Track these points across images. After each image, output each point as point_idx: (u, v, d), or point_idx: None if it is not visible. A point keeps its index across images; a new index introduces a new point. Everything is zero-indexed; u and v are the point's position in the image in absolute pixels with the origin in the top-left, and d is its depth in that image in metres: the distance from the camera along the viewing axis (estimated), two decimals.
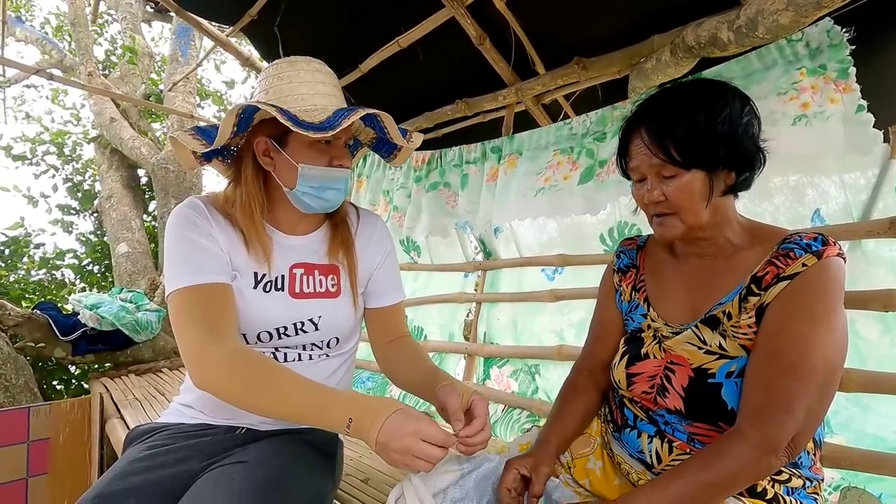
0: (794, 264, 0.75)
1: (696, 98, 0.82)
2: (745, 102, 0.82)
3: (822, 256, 0.74)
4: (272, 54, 2.63)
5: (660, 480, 0.76)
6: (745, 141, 0.80)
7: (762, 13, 1.10)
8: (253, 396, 0.84)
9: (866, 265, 1.21)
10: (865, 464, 1.10)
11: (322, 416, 0.81)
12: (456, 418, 0.85)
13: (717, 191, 0.82)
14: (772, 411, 0.72)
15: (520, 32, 1.94)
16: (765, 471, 0.73)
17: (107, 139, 4.49)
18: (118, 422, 1.88)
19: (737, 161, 0.81)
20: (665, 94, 0.86)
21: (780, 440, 0.71)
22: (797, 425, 0.71)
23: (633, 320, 0.99)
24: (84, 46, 4.43)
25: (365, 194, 2.76)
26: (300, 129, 0.87)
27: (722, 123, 0.78)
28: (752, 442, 0.72)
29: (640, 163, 0.85)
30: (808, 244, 0.76)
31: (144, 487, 0.88)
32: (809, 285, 0.74)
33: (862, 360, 1.18)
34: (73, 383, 3.31)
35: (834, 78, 1.20)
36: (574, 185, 1.74)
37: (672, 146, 0.79)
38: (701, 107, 0.80)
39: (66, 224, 5.07)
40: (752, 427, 0.73)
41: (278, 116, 0.87)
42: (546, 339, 2.00)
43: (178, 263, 0.94)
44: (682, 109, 0.81)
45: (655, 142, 0.81)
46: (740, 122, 0.80)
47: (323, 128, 0.89)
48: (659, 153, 0.81)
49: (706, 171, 0.80)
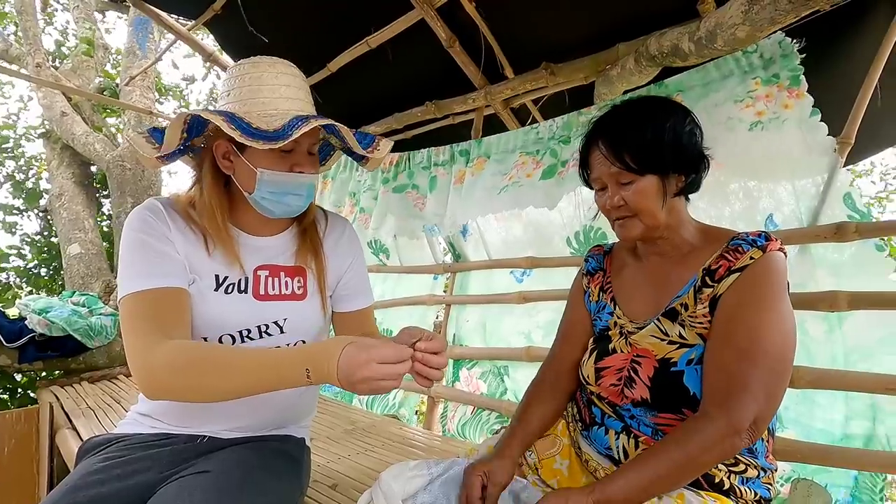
0: (743, 258, 0.83)
1: (643, 112, 0.92)
2: (687, 114, 0.92)
3: (766, 250, 0.83)
4: (237, 50, 2.56)
5: (632, 464, 0.79)
6: (690, 147, 0.90)
7: (721, 26, 1.15)
8: (204, 384, 0.81)
9: (813, 268, 1.28)
10: (815, 457, 1.16)
11: (280, 375, 0.78)
12: (412, 337, 0.83)
13: (670, 192, 0.90)
14: (732, 393, 0.76)
15: (489, 36, 1.96)
16: (730, 451, 0.77)
17: (57, 134, 4.25)
18: (70, 432, 1.78)
19: (684, 164, 0.90)
20: (616, 110, 0.96)
21: (743, 420, 0.75)
22: (757, 406, 0.76)
23: (600, 320, 1.03)
24: (32, 36, 4.18)
25: (329, 195, 2.73)
26: (249, 139, 0.85)
27: (668, 133, 0.88)
28: (718, 423, 0.75)
29: (601, 173, 0.93)
30: (754, 240, 0.85)
31: (98, 501, 0.84)
32: (757, 276, 0.82)
33: (810, 358, 1.24)
34: (19, 392, 3.13)
35: (787, 86, 1.27)
36: (536, 181, 1.78)
37: (627, 155, 0.88)
38: (648, 119, 0.90)
39: (8, 225, 4.77)
40: (717, 409, 0.77)
41: (224, 127, 0.84)
42: (514, 341, 2.03)
43: (132, 268, 0.90)
44: (633, 122, 0.91)
45: (612, 152, 0.90)
46: (683, 130, 0.89)
47: (276, 137, 0.86)
48: (616, 162, 0.89)
49: (659, 175, 0.89)
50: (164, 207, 0.97)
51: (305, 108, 0.98)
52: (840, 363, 1.20)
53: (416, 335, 0.83)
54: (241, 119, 0.87)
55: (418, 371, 0.81)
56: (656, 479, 0.76)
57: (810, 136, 1.23)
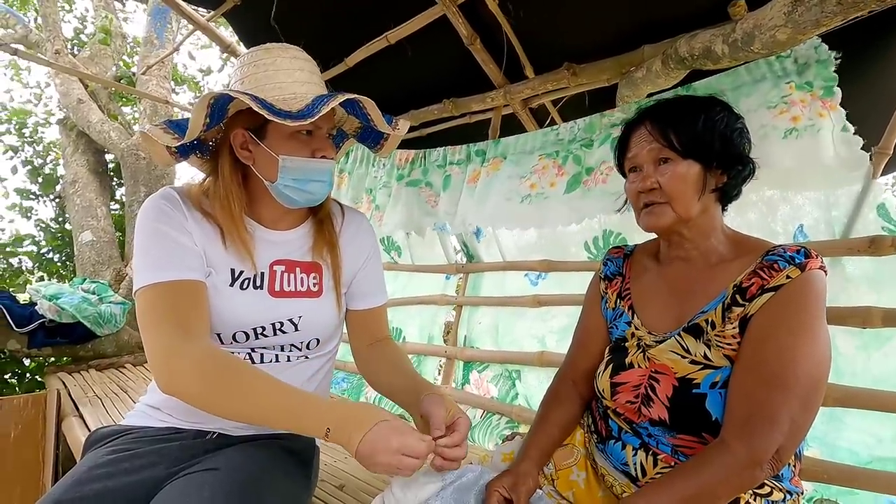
0: (779, 276, 0.76)
1: (697, 103, 0.89)
2: (739, 117, 0.89)
3: (805, 269, 0.76)
4: (255, 42, 2.54)
5: (644, 492, 0.75)
6: (738, 144, 0.87)
7: (759, 28, 1.11)
8: (226, 402, 0.80)
9: (846, 282, 1.23)
10: (841, 478, 1.12)
11: (299, 423, 0.78)
12: (437, 427, 0.82)
13: (708, 186, 0.86)
14: (756, 423, 0.72)
15: (511, 35, 1.93)
16: (748, 483, 0.73)
17: (73, 121, 4.27)
18: (76, 420, 1.78)
19: (729, 160, 0.86)
20: (668, 99, 0.94)
21: (764, 452, 0.71)
22: (782, 437, 0.71)
23: (617, 328, 0.99)
24: (52, 22, 4.21)
25: (347, 191, 2.70)
26: (277, 118, 0.83)
27: (719, 122, 0.85)
28: (736, 454, 0.71)
29: (639, 150, 0.89)
30: (792, 257, 0.77)
31: (104, 495, 0.82)
32: (793, 297, 0.75)
33: (839, 375, 1.20)
34: (27, 377, 3.14)
35: (820, 95, 1.22)
36: (560, 193, 1.73)
37: (672, 134, 0.85)
38: (702, 109, 0.87)
39: (24, 209, 4.81)
40: (737, 439, 0.72)
41: (253, 105, 0.82)
42: (527, 345, 1.99)
43: (149, 258, 0.89)
44: (685, 109, 0.88)
45: (658, 128, 0.87)
46: (735, 127, 0.87)
47: (301, 116, 0.85)
48: (660, 138, 0.86)
49: (702, 164, 0.85)
50: (180, 197, 0.96)
51: (321, 91, 0.96)
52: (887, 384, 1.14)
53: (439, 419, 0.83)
54: (264, 100, 0.86)
55: (435, 460, 0.81)
56: None
57: (843, 148, 1.18)
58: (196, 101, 0.87)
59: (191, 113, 0.88)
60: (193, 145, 0.98)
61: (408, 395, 0.96)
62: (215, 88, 0.84)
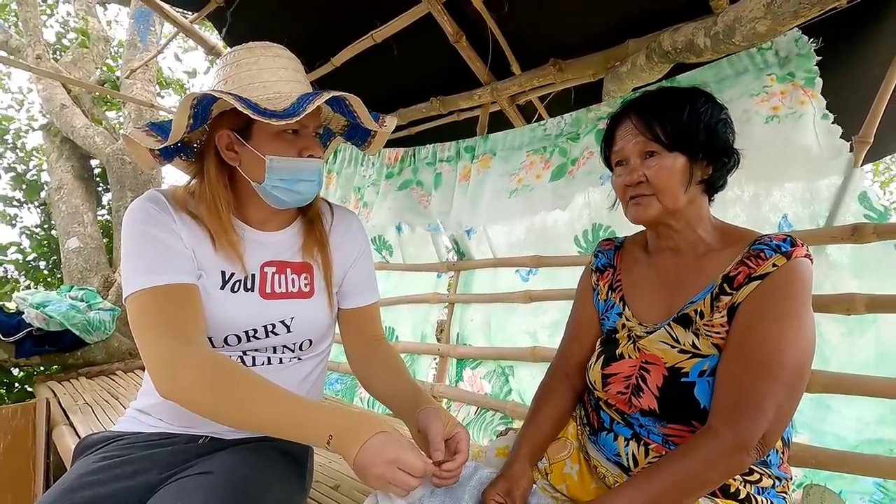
0: (765, 264, 0.78)
1: (681, 95, 0.90)
2: (722, 108, 0.90)
3: (791, 257, 0.77)
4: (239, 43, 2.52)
5: (635, 480, 0.76)
6: (723, 136, 0.87)
7: (740, 20, 1.13)
8: (227, 408, 0.79)
9: (830, 270, 1.25)
10: (830, 462, 1.14)
11: (301, 430, 0.78)
12: (436, 447, 0.82)
13: (695, 178, 0.87)
14: (742, 410, 0.73)
15: (496, 32, 1.93)
16: (736, 468, 0.74)
17: (57, 127, 4.21)
18: (67, 429, 1.76)
19: (714, 152, 0.87)
20: (652, 92, 0.94)
21: (750, 438, 0.72)
22: (767, 423, 0.73)
23: (608, 319, 0.99)
24: (32, 27, 4.14)
25: (335, 191, 2.70)
26: (262, 117, 0.82)
27: (704, 114, 0.86)
28: (724, 440, 0.73)
29: (625, 144, 0.90)
30: (778, 245, 0.79)
31: (96, 502, 0.81)
32: (779, 285, 0.76)
33: (825, 361, 1.22)
34: (16, 387, 3.10)
35: (802, 85, 1.24)
36: (546, 182, 1.74)
37: (658, 127, 0.85)
38: (686, 101, 0.87)
39: (8, 217, 4.73)
40: (724, 425, 0.74)
41: (237, 105, 0.81)
42: (520, 341, 2.00)
43: (140, 262, 0.87)
44: (670, 101, 0.88)
45: (643, 122, 0.87)
46: (719, 118, 0.87)
47: (287, 115, 0.84)
48: (645, 131, 0.86)
49: (687, 156, 0.85)
50: (166, 199, 0.94)
51: (306, 89, 0.95)
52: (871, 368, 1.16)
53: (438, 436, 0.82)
54: (249, 100, 0.85)
55: (434, 478, 0.81)
56: (659, 496, 0.73)
57: (824, 137, 1.20)
58: (180, 102, 0.86)
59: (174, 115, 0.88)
60: (177, 148, 0.97)
61: (403, 404, 0.96)
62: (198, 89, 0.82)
